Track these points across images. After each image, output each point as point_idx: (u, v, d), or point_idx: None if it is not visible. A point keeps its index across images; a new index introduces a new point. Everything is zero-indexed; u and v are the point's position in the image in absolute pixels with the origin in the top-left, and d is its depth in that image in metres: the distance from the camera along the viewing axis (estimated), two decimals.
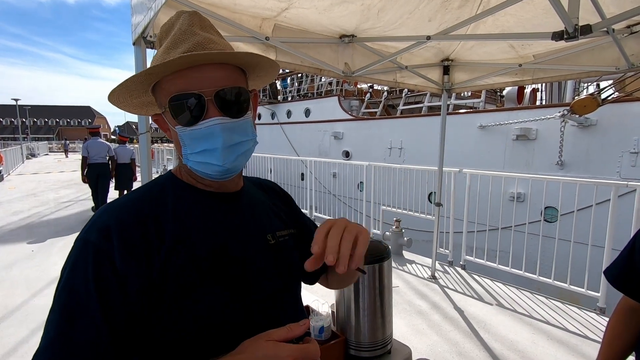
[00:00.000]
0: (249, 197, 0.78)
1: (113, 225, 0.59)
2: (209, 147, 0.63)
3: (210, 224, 0.67)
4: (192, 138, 0.64)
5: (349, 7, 2.02)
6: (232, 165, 0.65)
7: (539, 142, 6.42)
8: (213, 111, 0.62)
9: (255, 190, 0.83)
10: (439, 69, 3.41)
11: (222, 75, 0.64)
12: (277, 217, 0.81)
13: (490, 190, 4.15)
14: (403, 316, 3.08)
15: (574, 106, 4.63)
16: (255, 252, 0.71)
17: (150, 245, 0.59)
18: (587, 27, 1.49)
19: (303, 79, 14.78)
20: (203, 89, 0.62)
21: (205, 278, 0.62)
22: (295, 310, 0.76)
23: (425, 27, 2.30)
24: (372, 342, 1.17)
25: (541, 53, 2.79)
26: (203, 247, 0.63)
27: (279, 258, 0.74)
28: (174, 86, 0.62)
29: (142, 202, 0.65)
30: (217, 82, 0.63)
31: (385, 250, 1.21)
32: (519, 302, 3.34)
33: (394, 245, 4.72)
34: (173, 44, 0.64)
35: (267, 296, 0.70)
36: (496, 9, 1.91)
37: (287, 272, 0.76)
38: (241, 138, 0.66)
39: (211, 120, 0.62)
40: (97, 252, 0.57)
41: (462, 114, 7.99)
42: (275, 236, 0.75)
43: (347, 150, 10.56)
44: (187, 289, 0.60)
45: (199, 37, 0.64)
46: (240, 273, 0.66)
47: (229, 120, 0.64)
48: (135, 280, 0.57)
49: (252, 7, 1.94)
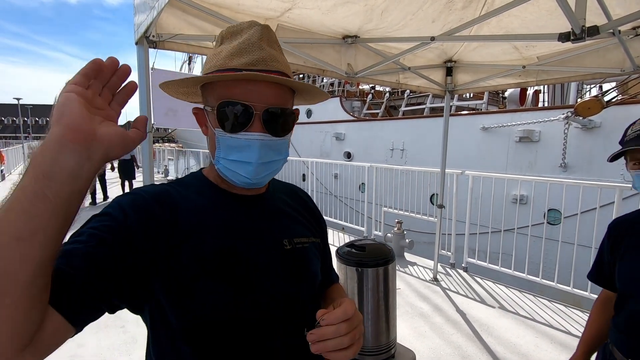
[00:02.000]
0: (271, 201, 0.79)
1: (140, 195, 0.64)
2: (243, 158, 0.66)
3: (223, 222, 0.69)
4: (230, 145, 0.66)
5: (353, 8, 2.01)
6: (259, 181, 0.69)
7: (542, 144, 6.39)
8: (257, 125, 0.65)
9: (281, 195, 0.83)
10: (442, 70, 3.39)
11: (275, 93, 0.66)
12: (300, 224, 0.81)
13: (492, 192, 4.13)
14: (405, 319, 3.06)
15: (578, 108, 4.61)
16: (266, 254, 0.70)
17: (165, 227, 0.62)
18: (594, 29, 1.47)
19: (304, 79, 14.79)
20: (254, 102, 0.64)
21: (208, 273, 0.63)
22: (302, 316, 0.71)
23: (428, 28, 2.29)
24: (376, 347, 1.16)
25: (545, 55, 2.77)
26: (211, 244, 0.65)
27: (293, 263, 0.74)
28: (228, 92, 0.65)
29: (168, 193, 0.68)
30: (269, 99, 0.65)
31: (389, 253, 1.20)
32: (522, 305, 3.32)
33: (395, 247, 4.70)
34: (239, 51, 0.65)
35: (273, 298, 0.69)
36: (500, 10, 1.90)
37: (300, 278, 0.75)
38: (275, 157, 0.69)
39: (254, 134, 0.65)
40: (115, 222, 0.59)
41: (464, 116, 7.97)
42: (293, 242, 0.75)
43: (349, 151, 10.55)
44: (190, 280, 0.61)
45: (264, 53, 0.65)
46: (244, 273, 0.66)
47: (270, 137, 0.66)
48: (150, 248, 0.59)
49: (255, 7, 1.93)
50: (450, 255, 4.38)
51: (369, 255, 1.17)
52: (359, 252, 1.19)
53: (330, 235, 5.57)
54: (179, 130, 22.52)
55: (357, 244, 1.24)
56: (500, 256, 3.96)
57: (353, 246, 1.22)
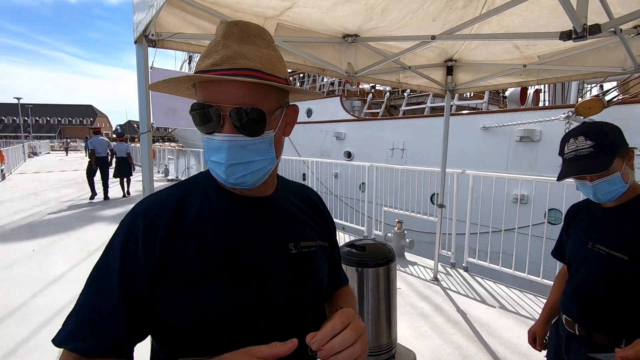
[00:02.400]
0: (279, 204, 0.78)
1: (140, 212, 0.67)
2: (217, 159, 0.66)
3: (227, 223, 0.69)
4: (208, 146, 0.68)
5: (353, 7, 2.00)
6: (238, 181, 0.67)
7: (542, 144, 6.38)
8: (228, 127, 0.65)
9: (290, 197, 0.82)
10: (442, 69, 3.38)
11: (245, 93, 0.64)
12: (308, 227, 0.80)
13: (493, 192, 4.12)
14: (405, 318, 3.05)
15: (579, 108, 4.59)
16: (270, 257, 0.70)
17: (169, 235, 0.64)
18: (596, 27, 1.46)
19: (305, 79, 14.78)
20: (222, 103, 0.64)
21: (211, 274, 0.64)
22: (304, 321, 0.71)
23: (429, 26, 2.28)
24: (376, 347, 1.15)
25: (546, 54, 2.76)
26: (214, 244, 0.66)
27: (299, 267, 0.73)
28: (200, 94, 0.67)
29: (174, 196, 0.71)
30: (238, 99, 0.64)
31: (389, 253, 1.19)
32: (523, 304, 3.31)
33: (395, 246, 4.70)
34: (207, 53, 0.66)
35: (275, 301, 0.69)
36: (501, 8, 1.88)
37: (306, 283, 0.74)
38: (253, 157, 0.67)
39: (220, 136, 0.65)
40: (128, 232, 0.65)
41: (465, 115, 7.96)
42: (299, 246, 0.75)
43: (349, 150, 10.54)
44: (193, 281, 0.63)
45: (228, 51, 0.64)
46: (245, 274, 0.66)
47: (240, 138, 0.65)
48: (149, 261, 0.62)
49: (255, 6, 1.92)
50: (451, 255, 4.37)
51: (369, 255, 1.17)
52: (359, 252, 1.19)
53: None
54: (179, 129, 22.52)
55: (358, 243, 1.23)
56: (501, 256, 3.95)
57: (353, 246, 1.22)
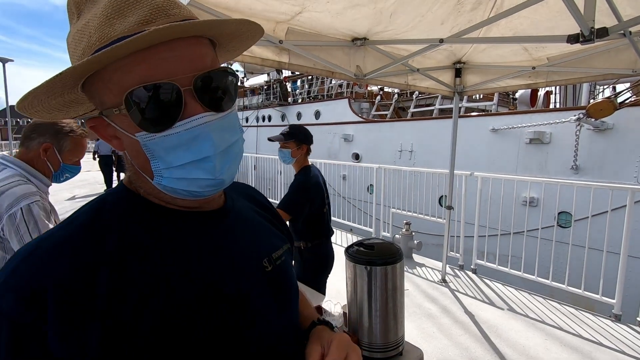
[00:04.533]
0: (236, 212, 0.61)
1: (43, 283, 0.39)
2: (197, 157, 0.45)
3: (193, 255, 0.50)
4: (167, 147, 0.45)
5: (362, 11, 2.04)
6: (226, 176, 0.50)
7: (553, 146, 6.32)
8: (194, 106, 0.45)
9: (241, 201, 0.65)
10: (450, 71, 3.40)
11: (200, 53, 0.46)
12: (272, 234, 0.66)
13: (502, 194, 4.11)
14: (413, 319, 3.06)
15: (590, 110, 4.55)
16: (249, 284, 0.55)
17: (107, 305, 0.40)
18: (603, 30, 1.48)
19: (313, 81, 14.85)
20: (177, 75, 0.44)
21: (194, 328, 0.45)
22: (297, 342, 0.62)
23: (437, 30, 2.31)
24: (384, 344, 1.18)
25: (555, 55, 2.76)
26: (188, 288, 0.47)
27: (278, 288, 0.60)
28: (132, 75, 0.43)
29: (87, 239, 0.44)
30: (196, 65, 0.45)
31: (397, 252, 1.22)
32: (531, 307, 3.29)
33: (404, 248, 4.70)
34: (117, 10, 0.42)
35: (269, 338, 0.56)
36: (509, 11, 1.90)
37: (289, 303, 0.62)
38: (232, 137, 0.50)
39: (196, 118, 0.45)
40: (16, 331, 0.38)
41: (474, 117, 7.92)
42: (272, 260, 0.60)
43: (357, 152, 10.55)
44: (171, 344, 0.43)
45: (157, 0, 0.44)
46: (237, 317, 0.51)
47: (217, 115, 0.47)
48: None
49: (266, 11, 1.97)
50: (459, 256, 4.36)
51: (377, 254, 1.19)
52: (368, 250, 1.22)
53: (339, 236, 5.58)
54: None
55: (366, 242, 1.26)
56: (510, 258, 3.93)
57: (362, 245, 1.25)
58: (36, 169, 1.37)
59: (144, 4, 0.43)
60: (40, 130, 1.37)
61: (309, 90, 14.98)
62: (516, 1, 1.91)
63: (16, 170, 1.32)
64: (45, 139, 1.37)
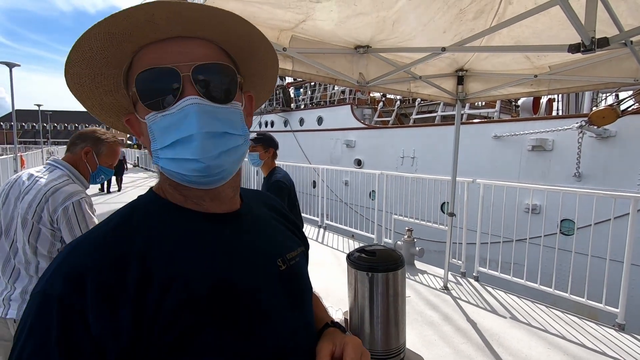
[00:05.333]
0: (253, 216, 0.66)
1: (85, 271, 0.46)
2: (181, 135, 0.50)
3: (207, 252, 0.55)
4: (163, 127, 0.51)
5: (364, 19, 2.06)
6: (214, 163, 0.52)
7: (555, 153, 6.32)
8: (190, 89, 0.51)
9: (258, 206, 0.71)
10: (453, 79, 3.42)
11: (206, 52, 0.53)
12: (287, 237, 0.71)
13: (504, 202, 4.10)
14: (414, 327, 3.05)
15: (592, 117, 4.56)
16: (264, 282, 0.59)
17: (135, 292, 0.46)
18: (604, 40, 1.49)
19: (316, 87, 14.94)
20: (179, 62, 0.51)
21: (207, 321, 0.49)
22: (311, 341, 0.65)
23: (440, 38, 2.33)
24: (385, 350, 1.18)
25: (557, 64, 2.78)
26: (201, 281, 0.51)
27: (291, 286, 0.63)
28: (143, 62, 0.52)
29: (120, 235, 0.52)
30: (198, 57, 0.52)
31: (399, 259, 1.22)
32: (534, 315, 3.27)
33: (405, 254, 4.69)
34: None
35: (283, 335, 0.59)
36: (511, 21, 1.92)
37: (302, 302, 0.66)
38: (226, 128, 0.53)
39: (184, 100, 0.50)
40: (64, 310, 0.43)
41: (476, 124, 7.94)
42: (286, 260, 0.65)
43: (359, 158, 10.57)
44: (185, 336, 0.47)
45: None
46: (251, 311, 0.54)
47: (209, 103, 0.52)
48: (115, 344, 0.44)
49: (270, 20, 2.00)
50: (461, 264, 4.34)
51: (379, 260, 1.20)
52: (369, 257, 1.22)
53: (340, 242, 5.58)
54: None
55: (368, 249, 1.27)
56: (512, 266, 3.92)
57: (364, 251, 1.25)
58: (78, 171, 1.61)
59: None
60: (83, 137, 1.66)
61: (312, 97, 15.06)
62: (518, 10, 1.93)
63: (64, 171, 1.56)
64: (86, 144, 1.63)
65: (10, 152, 15.85)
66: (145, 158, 22.45)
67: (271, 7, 1.84)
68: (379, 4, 1.89)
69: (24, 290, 1.46)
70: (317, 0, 1.79)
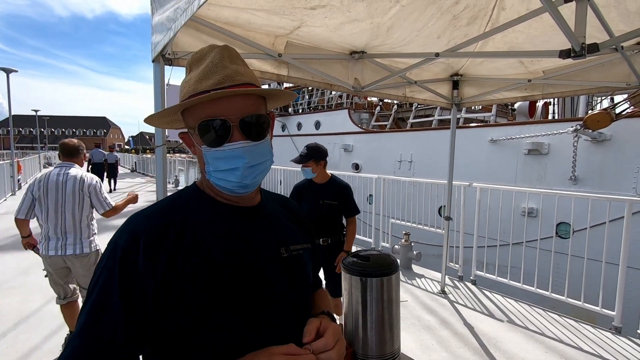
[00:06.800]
0: (267, 211, 0.84)
1: (141, 231, 0.68)
2: (231, 166, 0.71)
3: (226, 232, 0.74)
4: (216, 158, 0.72)
5: (359, 26, 2.08)
6: (250, 182, 0.74)
7: (551, 157, 6.36)
8: (237, 135, 0.71)
9: (274, 204, 0.89)
10: (448, 83, 3.44)
11: (246, 103, 0.72)
12: (294, 232, 0.87)
13: (501, 205, 4.12)
14: (411, 331, 3.04)
15: (587, 121, 4.58)
16: (268, 261, 0.76)
17: (171, 250, 0.66)
18: (594, 46, 1.51)
19: (313, 92, 14.98)
20: (229, 115, 0.70)
21: (221, 278, 0.68)
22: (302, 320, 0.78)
23: (434, 43, 2.35)
24: (379, 355, 1.17)
25: (551, 69, 2.80)
26: (219, 251, 0.70)
27: (291, 271, 0.80)
28: (204, 112, 0.71)
29: (168, 210, 0.74)
30: (242, 110, 0.71)
31: (393, 264, 1.22)
32: (531, 319, 3.27)
33: (403, 258, 4.69)
34: (205, 75, 0.72)
35: (280, 304, 0.75)
36: (505, 26, 1.95)
37: (300, 285, 0.82)
38: (261, 159, 0.74)
39: (236, 144, 0.71)
40: (124, 254, 0.65)
41: (472, 128, 7.98)
42: (289, 249, 0.81)
43: (357, 162, 10.59)
44: (203, 287, 0.66)
45: (228, 70, 0.72)
46: (252, 278, 0.72)
47: (251, 143, 0.72)
48: (152, 281, 0.64)
49: (265, 26, 2.01)
50: (458, 267, 4.34)
51: (373, 265, 1.20)
52: (363, 262, 1.22)
53: None
54: None
55: (362, 254, 1.27)
56: (509, 269, 3.92)
57: (358, 256, 1.25)
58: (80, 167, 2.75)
59: (220, 73, 0.71)
60: (80, 148, 2.76)
61: (310, 101, 15.10)
62: (511, 16, 1.95)
63: (77, 168, 2.68)
64: (82, 151, 2.78)
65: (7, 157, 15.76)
66: (143, 163, 22.35)
67: (266, 14, 1.85)
68: (373, 11, 1.91)
69: (74, 239, 2.56)
70: (312, 7, 1.81)
